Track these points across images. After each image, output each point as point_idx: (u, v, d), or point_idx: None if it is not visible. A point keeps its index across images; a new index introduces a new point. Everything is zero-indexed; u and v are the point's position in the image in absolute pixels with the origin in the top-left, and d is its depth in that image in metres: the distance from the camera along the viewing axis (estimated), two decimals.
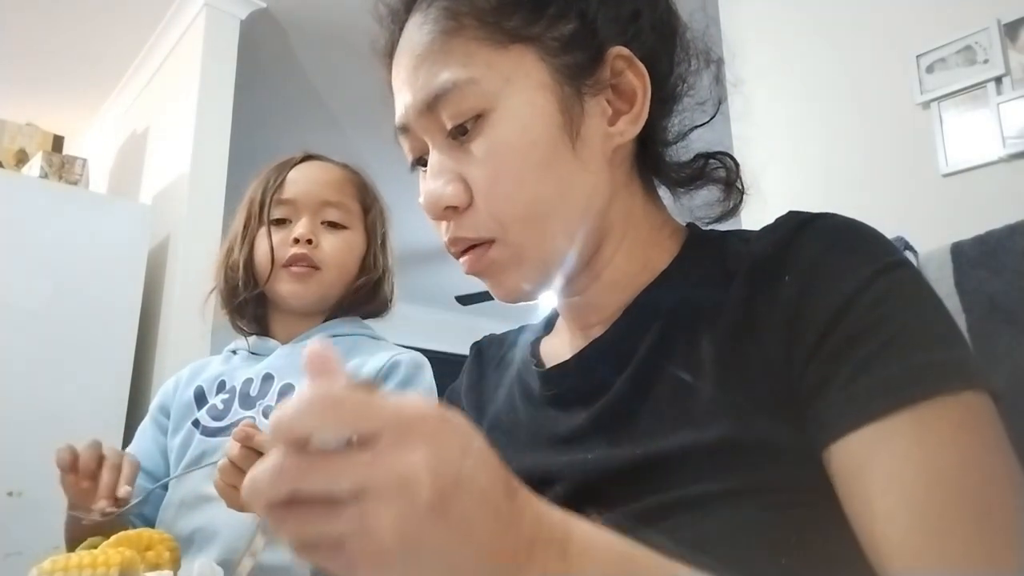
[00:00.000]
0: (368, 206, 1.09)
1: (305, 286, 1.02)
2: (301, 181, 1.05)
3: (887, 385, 0.40)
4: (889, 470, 0.39)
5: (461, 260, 0.53)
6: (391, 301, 1.13)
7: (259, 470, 0.29)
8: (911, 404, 0.39)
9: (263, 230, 1.03)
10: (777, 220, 0.51)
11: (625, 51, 0.52)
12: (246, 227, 1.05)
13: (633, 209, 0.55)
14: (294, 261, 1.00)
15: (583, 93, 0.51)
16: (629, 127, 0.52)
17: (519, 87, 0.50)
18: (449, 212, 0.51)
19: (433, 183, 0.51)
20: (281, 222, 1.04)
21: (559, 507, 0.34)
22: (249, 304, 1.07)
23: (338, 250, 1.03)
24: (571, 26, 0.51)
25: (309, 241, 1.01)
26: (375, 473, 0.28)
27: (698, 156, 0.58)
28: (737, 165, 0.58)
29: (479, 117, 0.49)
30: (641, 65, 0.52)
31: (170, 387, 1.11)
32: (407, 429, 0.29)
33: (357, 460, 0.28)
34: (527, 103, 0.50)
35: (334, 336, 1.06)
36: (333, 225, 1.04)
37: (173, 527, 0.95)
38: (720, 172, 0.57)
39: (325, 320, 1.09)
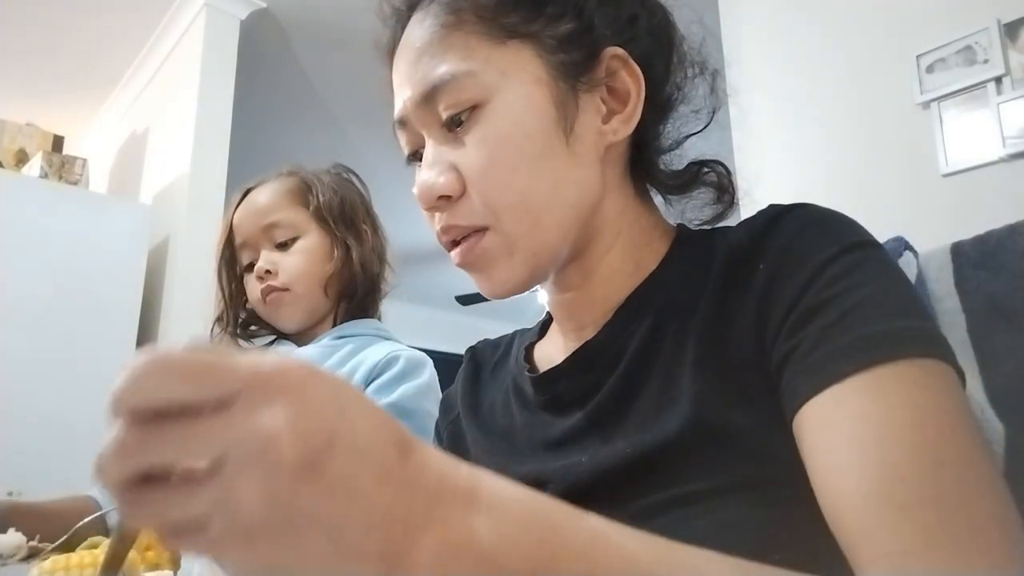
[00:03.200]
0: (308, 201, 1.10)
1: (283, 310, 1.08)
2: (242, 220, 1.10)
3: (846, 350, 0.41)
4: (845, 428, 0.39)
5: (453, 252, 0.53)
6: (382, 275, 1.14)
7: (103, 447, 0.26)
8: (869, 367, 0.40)
9: (246, 278, 1.10)
10: (757, 213, 0.52)
11: (621, 51, 0.53)
12: (219, 279, 1.12)
13: (626, 209, 0.56)
14: (264, 296, 1.06)
15: (578, 90, 0.52)
16: (622, 126, 0.53)
17: (515, 81, 0.51)
18: (442, 202, 0.52)
19: (427, 173, 0.52)
20: (250, 266, 1.10)
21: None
22: (253, 323, 1.14)
23: (294, 263, 1.06)
24: (569, 25, 0.52)
25: (268, 272, 1.06)
26: (232, 436, 0.25)
27: (691, 164, 0.59)
28: (729, 172, 0.59)
29: (475, 109, 0.50)
30: (636, 66, 0.53)
31: None
32: (267, 385, 0.26)
33: (211, 424, 0.25)
34: (522, 96, 0.50)
35: (343, 337, 1.08)
36: (284, 244, 1.08)
37: None
38: (712, 178, 0.58)
39: (335, 316, 1.12)
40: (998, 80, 1.49)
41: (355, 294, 1.11)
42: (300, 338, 1.11)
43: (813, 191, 1.76)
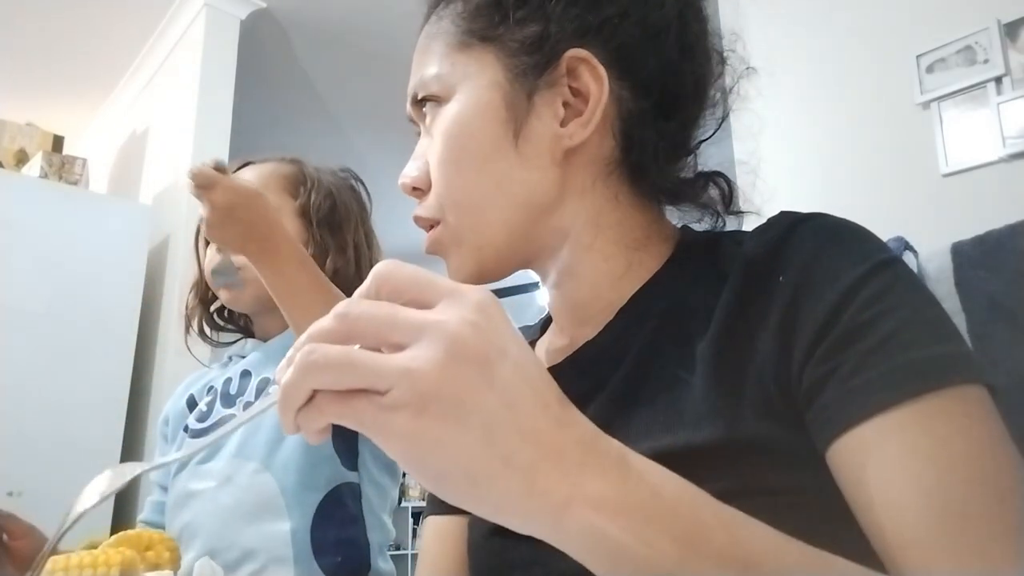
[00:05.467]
0: (297, 193, 1.06)
1: (234, 291, 1.02)
2: None
3: (889, 379, 0.40)
4: (897, 461, 0.39)
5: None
6: (353, 275, 1.07)
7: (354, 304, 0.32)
8: (914, 397, 0.39)
9: (201, 248, 1.07)
10: (769, 220, 0.51)
11: (582, 52, 0.51)
12: (196, 250, 1.09)
13: (604, 211, 0.55)
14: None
15: (533, 92, 0.52)
16: (579, 130, 0.52)
17: (472, 83, 0.53)
18: (417, 193, 0.56)
19: (408, 166, 0.57)
20: None
21: None
22: (221, 316, 1.11)
23: None
24: (533, 29, 0.52)
25: None
26: (429, 323, 0.30)
27: (697, 176, 0.58)
28: (729, 182, 0.59)
29: (439, 109, 0.55)
30: (600, 68, 0.51)
31: (170, 400, 1.14)
32: (465, 297, 0.31)
33: (417, 314, 0.31)
34: (473, 98, 0.53)
35: None
36: None
37: (170, 527, 0.97)
38: (714, 192, 0.58)
39: None
40: (998, 80, 1.49)
41: None
42: (261, 332, 1.08)
43: (813, 191, 1.76)
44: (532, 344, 0.65)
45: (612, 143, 0.54)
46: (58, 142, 2.85)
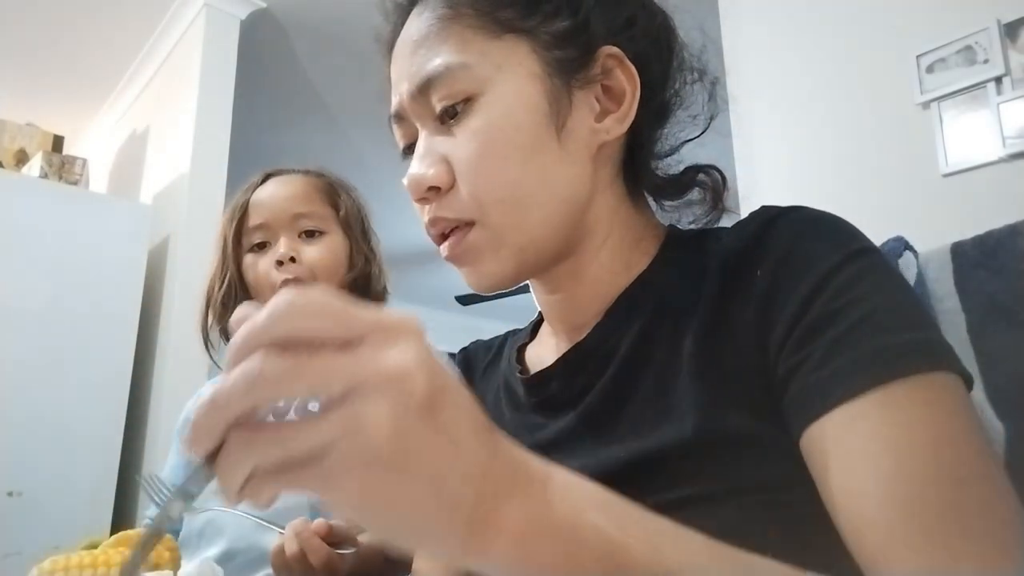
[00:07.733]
0: (338, 205, 1.09)
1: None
2: (267, 202, 1.06)
3: (854, 367, 0.40)
4: (859, 449, 0.39)
5: (441, 246, 0.53)
6: (387, 290, 1.14)
7: (226, 380, 0.26)
8: (879, 384, 0.39)
9: (249, 258, 1.06)
10: (750, 215, 0.52)
11: (617, 51, 0.53)
12: (223, 262, 1.07)
13: (618, 209, 0.56)
14: (284, 283, 1.03)
15: (572, 87, 0.52)
16: (615, 125, 0.53)
17: (509, 74, 0.51)
18: (432, 193, 0.52)
19: (418, 164, 0.52)
20: (262, 246, 1.06)
21: None
22: None
23: (321, 256, 1.05)
24: (565, 22, 0.52)
25: (292, 259, 1.02)
26: (367, 369, 0.26)
27: (688, 169, 0.58)
28: (724, 178, 0.59)
29: (468, 101, 0.51)
30: (632, 67, 0.53)
31: (191, 403, 1.14)
32: (392, 330, 0.28)
33: (346, 358, 0.26)
34: (515, 90, 0.51)
35: None
36: (310, 234, 1.06)
37: (190, 521, 0.98)
38: (706, 183, 0.58)
39: None
40: (998, 80, 1.48)
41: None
42: None
43: (813, 191, 1.76)
44: (523, 348, 0.65)
45: (621, 142, 0.55)
46: (58, 142, 2.84)
